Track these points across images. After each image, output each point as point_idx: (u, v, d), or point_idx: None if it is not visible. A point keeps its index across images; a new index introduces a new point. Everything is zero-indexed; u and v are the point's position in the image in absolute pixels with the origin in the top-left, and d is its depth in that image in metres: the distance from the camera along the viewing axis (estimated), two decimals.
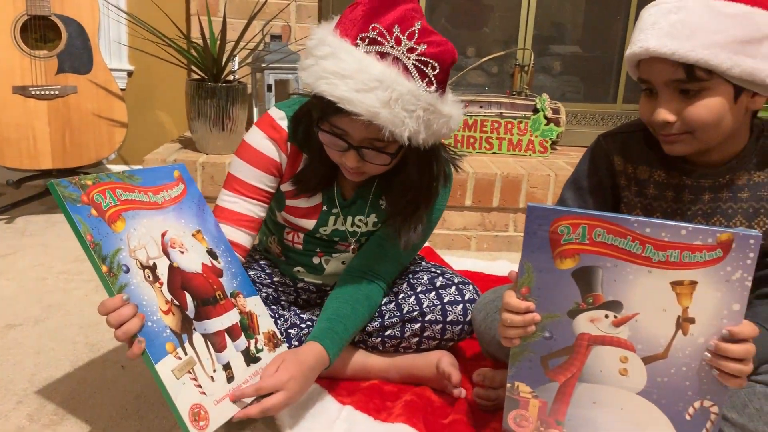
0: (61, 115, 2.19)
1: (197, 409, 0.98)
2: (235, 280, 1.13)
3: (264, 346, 1.13)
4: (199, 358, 1.01)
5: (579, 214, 0.89)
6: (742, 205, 1.05)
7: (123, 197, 1.01)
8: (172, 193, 1.09)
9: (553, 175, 2.16)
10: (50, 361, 1.33)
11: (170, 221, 1.07)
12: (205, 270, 1.08)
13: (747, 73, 0.93)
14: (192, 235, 1.09)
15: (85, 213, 0.95)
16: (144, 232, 1.01)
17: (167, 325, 0.98)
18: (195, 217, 1.11)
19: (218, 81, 2.11)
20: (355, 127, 1.02)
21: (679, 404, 0.92)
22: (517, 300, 0.93)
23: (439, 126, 1.04)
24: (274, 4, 2.42)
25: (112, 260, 0.95)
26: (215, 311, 1.06)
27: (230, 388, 1.04)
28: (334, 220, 1.25)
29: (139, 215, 1.02)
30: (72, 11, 2.20)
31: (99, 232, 0.95)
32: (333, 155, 1.11)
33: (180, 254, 1.05)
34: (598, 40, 2.88)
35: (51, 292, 1.66)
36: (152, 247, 1.02)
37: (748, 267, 0.85)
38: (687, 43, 0.92)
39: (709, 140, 0.99)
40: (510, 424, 1.01)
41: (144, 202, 1.03)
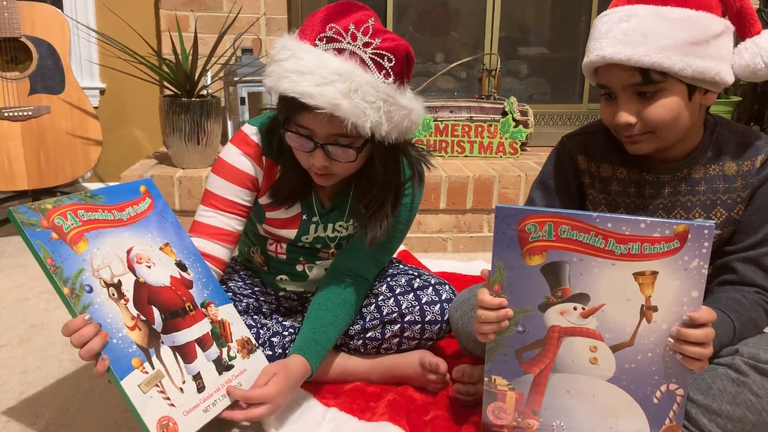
0: (35, 136, 2.20)
1: (165, 421, 1.00)
2: (206, 290, 1.14)
3: (237, 353, 1.14)
4: (168, 371, 1.02)
5: (545, 213, 0.94)
6: (700, 197, 1.11)
7: (85, 218, 1.02)
8: (138, 209, 1.11)
9: (523, 176, 2.22)
10: (37, 380, 1.34)
11: (136, 237, 1.08)
12: (174, 282, 1.10)
13: (698, 72, 0.98)
14: (160, 248, 1.11)
15: (45, 237, 0.97)
16: (108, 251, 1.03)
17: (133, 341, 1.00)
18: (162, 231, 1.12)
19: (191, 96, 2.13)
20: (319, 122, 1.05)
21: (646, 389, 0.97)
22: (491, 297, 0.97)
23: (401, 118, 1.08)
24: (245, 18, 2.45)
25: (74, 281, 0.97)
26: (185, 323, 1.08)
27: (201, 397, 1.06)
28: (315, 228, 1.28)
29: (103, 234, 1.04)
30: (42, 32, 2.21)
31: (60, 254, 0.97)
32: (302, 159, 1.14)
33: (147, 269, 1.07)
34: (563, 42, 2.95)
35: (33, 312, 1.67)
36: (117, 264, 1.03)
37: (704, 255, 0.90)
38: (640, 49, 0.97)
39: (668, 138, 1.05)
40: (489, 417, 1.05)
41: (108, 221, 1.05)
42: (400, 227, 1.28)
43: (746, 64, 1.03)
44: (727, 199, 1.10)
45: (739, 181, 1.10)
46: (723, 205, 1.11)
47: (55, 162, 2.24)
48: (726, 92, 2.59)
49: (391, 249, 1.31)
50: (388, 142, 1.10)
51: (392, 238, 1.28)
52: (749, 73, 1.04)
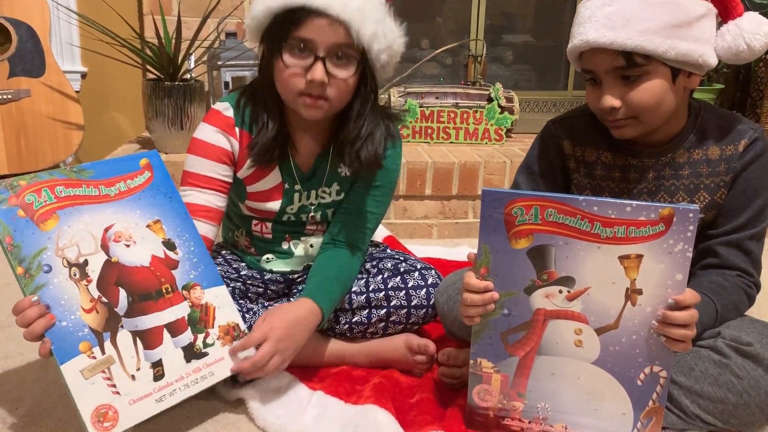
0: (15, 120, 2.16)
1: (104, 409, 0.97)
2: (194, 271, 1.11)
3: (217, 340, 1.10)
4: (120, 357, 1.00)
5: (531, 196, 0.94)
6: (684, 181, 1.12)
7: (63, 194, 1.00)
8: (133, 183, 1.08)
9: (509, 162, 2.22)
10: (19, 365, 1.33)
11: (121, 214, 1.05)
12: (155, 262, 1.07)
13: (681, 55, 0.99)
14: (147, 225, 1.08)
15: (10, 215, 0.96)
16: (81, 228, 1.01)
17: (86, 324, 0.98)
18: (157, 207, 1.09)
19: (175, 80, 2.11)
20: (323, 31, 1.07)
21: (630, 371, 0.98)
22: (477, 280, 0.98)
23: (390, 40, 1.14)
24: (228, 1, 2.42)
25: (32, 261, 0.96)
26: (156, 306, 1.05)
27: (157, 386, 1.02)
28: (299, 196, 1.29)
29: (79, 211, 1.02)
30: (21, 14, 2.17)
31: (22, 233, 0.96)
32: (295, 83, 1.11)
33: (124, 248, 1.04)
34: (548, 29, 2.95)
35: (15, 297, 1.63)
36: (88, 243, 1.01)
37: (689, 239, 0.91)
38: (623, 32, 0.98)
39: (652, 122, 1.05)
40: (475, 399, 1.06)
41: (90, 197, 1.03)
42: (384, 190, 1.30)
43: (729, 47, 1.04)
44: (711, 183, 1.11)
45: (722, 166, 1.10)
46: (706, 189, 1.12)
47: (36, 146, 2.20)
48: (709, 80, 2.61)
49: (377, 216, 1.31)
50: (378, 62, 1.14)
51: (378, 204, 1.30)
52: (732, 55, 1.05)
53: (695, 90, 1.10)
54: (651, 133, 1.09)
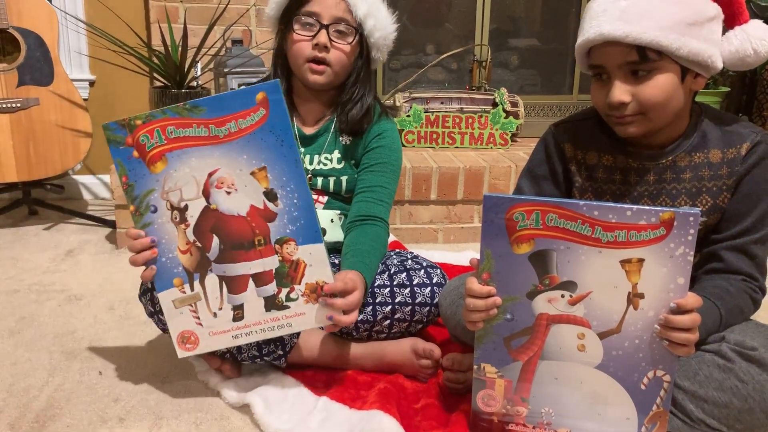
0: (24, 128, 2.18)
1: (188, 334, 1.12)
2: (292, 226, 1.08)
3: (301, 296, 1.11)
4: (206, 296, 1.10)
5: (532, 201, 0.94)
6: (685, 185, 1.12)
7: (173, 135, 1.02)
8: (245, 123, 1.03)
9: (514, 167, 2.22)
10: (27, 371, 1.34)
11: (227, 157, 1.04)
12: (252, 213, 1.07)
13: (693, 54, 1.00)
14: (251, 173, 1.05)
15: (126, 155, 1.04)
16: (186, 173, 1.05)
17: (181, 263, 1.09)
18: (265, 151, 1.04)
19: (181, 87, 2.12)
20: (327, 4, 1.29)
21: (634, 375, 0.98)
22: (479, 285, 0.98)
23: (383, 22, 1.36)
24: (234, 9, 2.44)
25: (142, 201, 1.07)
26: (246, 256, 1.09)
27: (235, 326, 1.12)
28: (302, 159, 1.35)
29: (187, 154, 1.04)
30: (30, 23, 2.19)
31: (136, 173, 1.05)
32: (303, 50, 1.31)
33: (225, 195, 1.06)
34: (553, 33, 2.95)
35: (23, 304, 1.67)
36: (190, 188, 1.06)
37: (690, 243, 0.91)
38: (639, 26, 0.98)
39: (659, 119, 1.05)
40: (479, 405, 1.06)
41: (199, 137, 1.03)
42: (390, 167, 1.40)
43: (735, 50, 1.05)
44: (713, 187, 1.11)
45: (724, 169, 1.10)
46: (708, 193, 1.12)
47: (45, 154, 2.22)
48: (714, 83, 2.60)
49: (389, 191, 1.40)
50: (372, 40, 1.35)
51: (388, 180, 1.39)
52: (738, 60, 1.05)
53: (701, 93, 1.11)
54: (653, 135, 1.09)
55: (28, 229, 2.27)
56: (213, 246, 1.08)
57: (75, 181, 2.67)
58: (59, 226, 2.31)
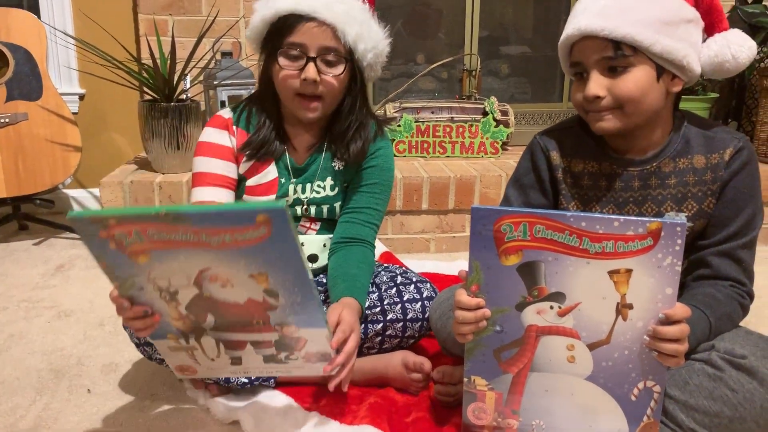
0: (12, 143, 2.18)
1: (186, 366, 1.09)
2: (294, 316, 0.98)
3: (300, 359, 1.06)
4: (203, 349, 1.05)
5: (519, 213, 0.94)
6: (671, 191, 1.12)
7: (155, 237, 0.88)
8: (241, 237, 0.87)
9: (504, 175, 2.22)
10: (15, 390, 1.33)
11: (221, 261, 0.90)
12: (250, 303, 0.96)
13: (667, 51, 1.02)
14: (250, 275, 0.92)
15: (102, 247, 0.89)
16: (175, 267, 0.91)
17: (174, 326, 1.01)
18: (266, 261, 0.90)
19: (171, 101, 2.12)
20: (312, 33, 1.19)
21: (624, 386, 0.98)
22: (468, 297, 0.97)
23: (375, 42, 1.26)
24: (223, 21, 2.44)
25: (126, 281, 0.93)
26: (243, 329, 1.01)
27: (232, 369, 1.08)
28: (293, 189, 1.34)
29: (172, 253, 0.89)
30: (18, 38, 2.19)
31: (115, 261, 0.90)
32: (291, 84, 1.23)
33: (220, 288, 0.94)
34: (542, 41, 2.96)
35: (12, 321, 1.66)
36: (180, 278, 0.93)
37: (677, 253, 0.91)
38: (614, 21, 1.01)
39: (635, 115, 1.06)
40: (469, 417, 1.05)
41: (186, 242, 0.88)
42: (381, 188, 1.36)
43: (714, 55, 1.07)
44: (698, 192, 1.11)
45: (708, 174, 1.11)
46: (694, 198, 1.12)
47: (34, 169, 2.21)
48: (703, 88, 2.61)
49: (379, 212, 1.37)
50: (365, 61, 1.26)
51: (378, 201, 1.36)
52: (716, 65, 1.08)
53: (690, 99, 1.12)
54: (633, 137, 1.10)
55: (17, 244, 2.26)
56: (208, 320, 0.99)
57: (65, 195, 2.65)
58: (49, 241, 2.30)
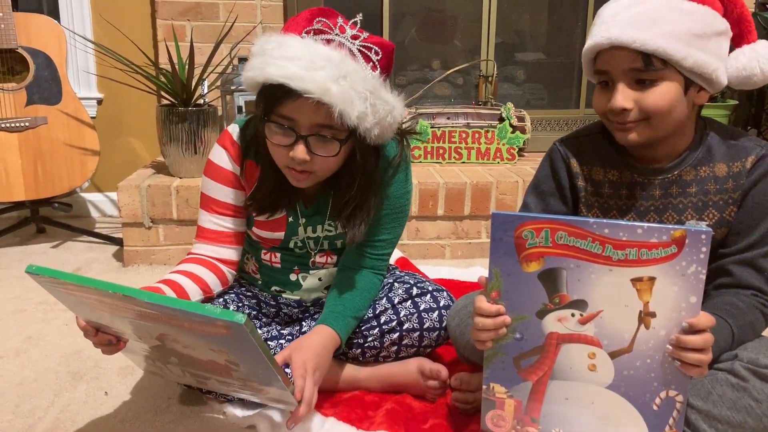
0: (32, 147, 2.20)
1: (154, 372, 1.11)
2: (256, 378, 0.97)
3: (265, 397, 1.07)
4: (170, 372, 1.06)
5: (541, 219, 0.93)
6: (692, 199, 1.11)
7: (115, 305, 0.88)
8: (206, 329, 0.86)
9: (521, 181, 2.21)
10: (33, 392, 1.33)
11: (180, 334, 0.91)
12: (211, 363, 0.97)
13: (698, 65, 1.00)
14: (211, 350, 0.92)
15: (66, 297, 0.94)
16: (138, 325, 0.93)
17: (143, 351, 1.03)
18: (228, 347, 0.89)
19: (188, 105, 2.13)
20: (304, 111, 1.03)
21: (646, 395, 0.97)
22: (488, 304, 0.97)
23: (384, 114, 1.07)
24: (241, 27, 2.46)
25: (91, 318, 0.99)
26: (207, 372, 1.01)
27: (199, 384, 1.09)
28: (303, 229, 1.28)
29: (134, 320, 0.91)
30: (38, 43, 2.21)
31: (79, 307, 0.96)
32: (280, 156, 1.10)
33: (182, 348, 0.95)
34: (559, 47, 2.95)
35: (30, 323, 1.67)
36: (142, 333, 0.96)
37: (702, 261, 0.89)
38: (646, 33, 0.99)
39: (661, 128, 1.05)
40: (488, 425, 1.04)
41: (145, 316, 0.88)
42: (395, 217, 1.27)
43: (742, 68, 1.05)
44: (719, 201, 1.10)
45: (730, 182, 1.10)
46: (715, 207, 1.11)
47: (52, 173, 2.23)
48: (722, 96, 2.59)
49: (390, 242, 1.30)
50: (369, 138, 1.08)
51: (389, 231, 1.28)
52: (743, 78, 1.05)
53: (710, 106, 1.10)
54: (654, 145, 1.09)
55: (35, 247, 2.28)
56: (172, 360, 1.01)
57: (83, 198, 2.67)
58: (67, 244, 2.31)
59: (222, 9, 2.48)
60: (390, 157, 1.22)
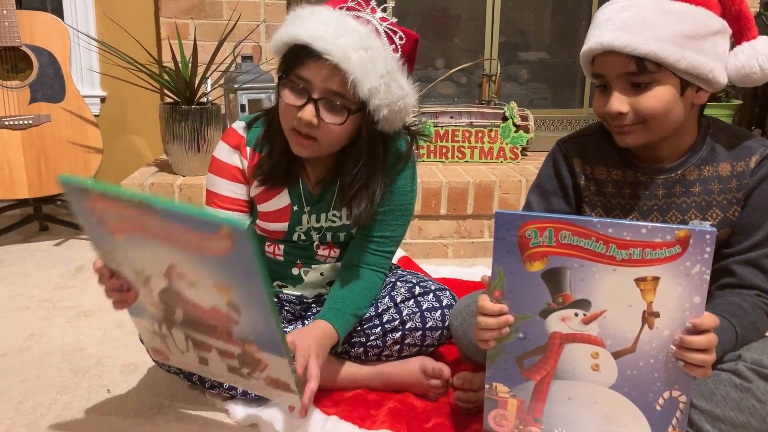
0: (35, 145, 2.20)
1: (159, 350, 1.09)
2: (254, 336, 0.94)
3: (262, 380, 1.01)
4: (174, 340, 1.04)
5: (545, 218, 0.93)
6: (695, 198, 1.11)
7: (130, 220, 0.88)
8: (206, 244, 0.84)
9: (524, 181, 2.21)
10: (36, 389, 1.33)
11: (187, 262, 0.88)
12: (214, 312, 0.94)
13: (692, 67, 0.99)
14: (213, 284, 0.89)
15: (86, 216, 0.92)
16: (148, 255, 0.92)
17: (149, 310, 1.02)
18: (229, 276, 0.87)
19: (191, 103, 2.13)
20: (320, 74, 1.07)
21: (649, 395, 0.96)
22: (491, 303, 0.96)
23: (396, 97, 1.10)
24: (244, 25, 2.46)
25: (106, 253, 0.98)
26: (209, 333, 0.98)
27: (200, 367, 1.06)
28: (307, 218, 1.28)
29: (145, 242, 0.89)
30: (42, 41, 2.21)
31: (97, 234, 0.95)
32: (288, 117, 1.12)
33: (188, 287, 0.92)
34: (563, 46, 2.95)
35: (33, 321, 1.67)
36: (151, 267, 0.93)
37: (706, 261, 0.89)
38: (638, 37, 0.98)
39: (659, 130, 1.04)
40: (490, 424, 1.04)
41: (157, 234, 0.87)
42: (400, 214, 1.27)
43: (741, 66, 1.04)
44: (723, 200, 1.10)
45: (733, 182, 1.09)
46: (718, 206, 1.10)
47: (56, 170, 2.23)
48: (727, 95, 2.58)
49: (394, 239, 1.30)
50: (377, 117, 1.10)
51: (394, 228, 1.28)
52: (743, 76, 1.05)
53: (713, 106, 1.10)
54: (658, 147, 1.09)
55: (38, 245, 2.28)
56: (177, 313, 0.98)
57: None
58: (70, 242, 2.32)
59: (225, 7, 2.48)
60: (401, 151, 1.24)
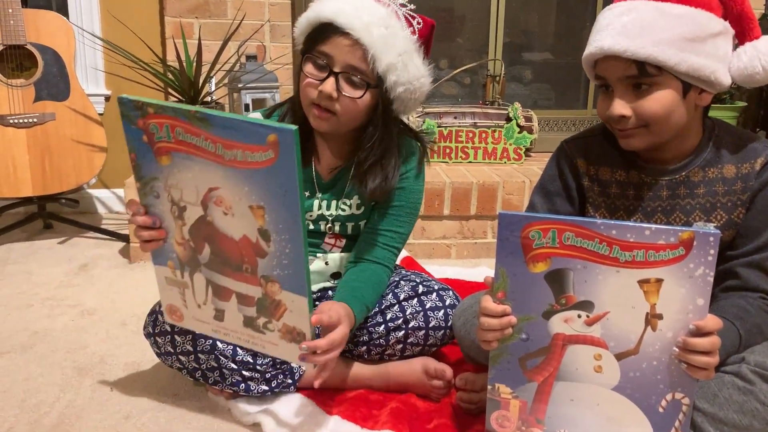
0: (40, 143, 2.20)
1: (175, 309, 1.13)
2: (280, 271, 0.99)
3: (277, 331, 1.04)
4: (193, 288, 1.09)
5: (549, 219, 0.93)
6: (699, 200, 1.10)
7: (181, 137, 0.95)
8: (251, 157, 0.92)
9: (527, 182, 2.21)
10: (39, 387, 1.34)
11: (229, 181, 0.95)
12: (244, 242, 0.99)
13: (693, 69, 0.99)
14: (249, 206, 0.96)
15: (137, 136, 0.99)
16: (189, 177, 0.99)
17: (175, 251, 1.07)
18: (267, 193, 0.93)
19: (196, 103, 2.13)
20: (342, 49, 1.14)
21: (651, 398, 0.96)
22: (494, 304, 0.96)
23: (412, 77, 1.18)
24: (249, 24, 2.46)
25: (147, 183, 1.03)
26: (232, 274, 1.04)
27: (215, 323, 1.10)
28: (318, 204, 1.30)
29: (191, 160, 0.97)
30: (47, 40, 2.21)
31: (144, 157, 1.01)
32: (309, 92, 1.17)
33: (222, 214, 0.99)
34: (567, 47, 2.94)
35: (36, 319, 1.67)
36: (190, 192, 1.00)
37: (710, 263, 0.89)
38: (637, 41, 0.98)
39: (662, 133, 1.04)
40: (493, 425, 1.04)
41: (206, 150, 0.95)
42: (407, 210, 1.30)
43: (744, 67, 1.04)
44: (727, 202, 1.10)
45: (738, 184, 1.09)
46: (723, 208, 1.10)
47: (60, 169, 2.24)
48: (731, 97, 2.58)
49: (401, 235, 1.32)
50: (393, 94, 1.17)
51: (402, 224, 1.31)
52: (746, 77, 1.04)
53: (717, 108, 1.09)
54: (662, 149, 1.09)
55: (42, 243, 2.29)
56: (204, 251, 1.04)
57: (90, 195, 2.68)
58: (73, 240, 2.32)
59: (230, 6, 2.48)
60: (414, 148, 1.30)
